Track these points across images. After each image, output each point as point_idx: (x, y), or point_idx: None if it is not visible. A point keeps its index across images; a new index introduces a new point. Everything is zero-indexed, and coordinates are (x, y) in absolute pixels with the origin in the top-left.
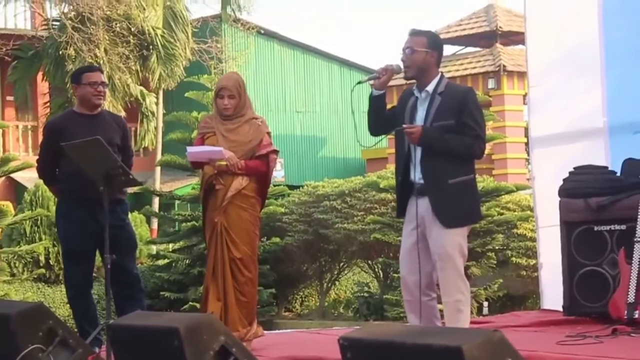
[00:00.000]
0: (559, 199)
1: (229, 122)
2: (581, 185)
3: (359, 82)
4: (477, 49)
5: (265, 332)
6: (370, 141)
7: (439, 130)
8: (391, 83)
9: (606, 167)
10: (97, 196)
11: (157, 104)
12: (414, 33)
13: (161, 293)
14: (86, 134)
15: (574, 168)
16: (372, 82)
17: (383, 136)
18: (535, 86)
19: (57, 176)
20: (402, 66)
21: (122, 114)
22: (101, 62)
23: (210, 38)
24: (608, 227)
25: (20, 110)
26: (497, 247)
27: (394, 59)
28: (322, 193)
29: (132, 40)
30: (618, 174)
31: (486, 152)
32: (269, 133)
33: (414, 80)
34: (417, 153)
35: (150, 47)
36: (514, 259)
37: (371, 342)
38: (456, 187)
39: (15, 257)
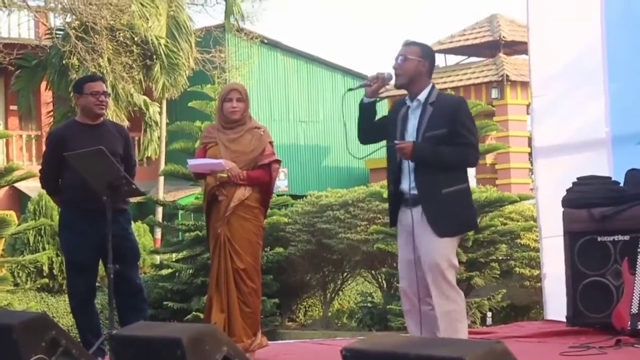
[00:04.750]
0: (562, 209)
1: (231, 131)
2: (584, 196)
3: (350, 89)
4: (481, 58)
5: (269, 342)
6: (363, 152)
7: (430, 143)
8: (386, 94)
9: (609, 178)
10: (99, 206)
11: (160, 113)
12: (408, 43)
13: (164, 303)
14: (89, 143)
15: (577, 178)
16: (363, 89)
17: (372, 150)
18: (538, 96)
19: (60, 186)
20: (393, 74)
21: (126, 123)
22: (104, 71)
23: (213, 48)
24: (611, 238)
25: (24, 120)
26: (500, 258)
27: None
28: (326, 203)
29: (135, 50)
30: (621, 185)
31: (489, 161)
32: (271, 142)
33: (403, 90)
34: (410, 164)
35: (154, 56)
36: (517, 269)
37: (374, 353)
38: (451, 197)
39: (19, 267)
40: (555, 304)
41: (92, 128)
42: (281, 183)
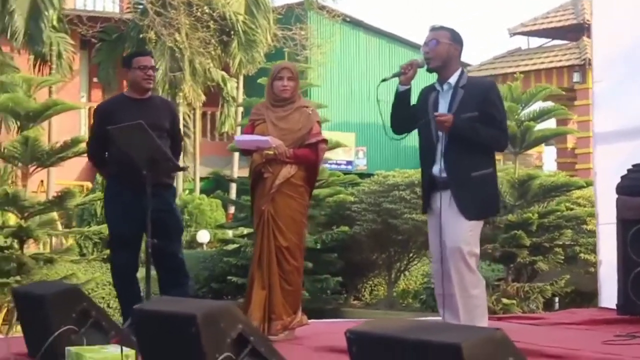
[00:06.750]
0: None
1: (280, 109)
2: (638, 183)
3: (384, 80)
4: (564, 42)
5: (326, 320)
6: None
7: (468, 120)
8: None
9: None
10: (143, 180)
11: (237, 89)
12: (437, 28)
13: (228, 277)
14: (134, 117)
15: (633, 165)
16: (397, 78)
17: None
18: (599, 81)
19: (106, 160)
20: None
21: (202, 98)
22: (182, 46)
23: (294, 25)
24: None
25: (106, 92)
26: (565, 243)
27: (480, 50)
28: (392, 183)
29: (212, 26)
30: None
31: (570, 146)
32: (319, 122)
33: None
34: (442, 147)
35: (231, 32)
36: (582, 255)
37: (375, 336)
38: (479, 180)
39: (83, 238)
40: (609, 291)
41: (140, 102)
42: (360, 162)
